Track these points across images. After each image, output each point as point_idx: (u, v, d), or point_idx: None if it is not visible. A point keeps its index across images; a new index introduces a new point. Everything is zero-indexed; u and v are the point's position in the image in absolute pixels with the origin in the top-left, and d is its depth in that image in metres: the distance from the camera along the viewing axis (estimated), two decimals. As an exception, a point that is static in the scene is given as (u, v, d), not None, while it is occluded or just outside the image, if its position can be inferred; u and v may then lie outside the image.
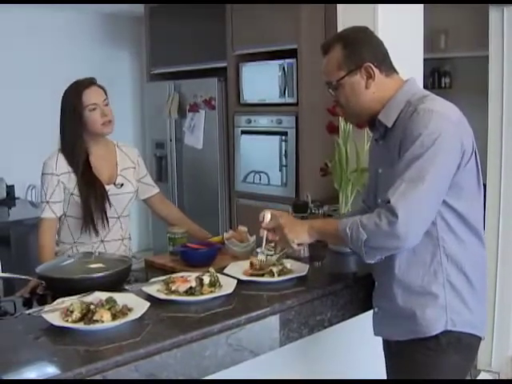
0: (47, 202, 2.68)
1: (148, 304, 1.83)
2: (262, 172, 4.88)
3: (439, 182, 1.83)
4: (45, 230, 2.69)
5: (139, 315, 1.76)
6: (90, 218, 2.67)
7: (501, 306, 3.63)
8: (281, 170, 4.73)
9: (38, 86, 5.53)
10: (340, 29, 2.74)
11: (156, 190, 2.99)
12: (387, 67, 2.00)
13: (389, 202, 1.79)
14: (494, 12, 3.47)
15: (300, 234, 2.04)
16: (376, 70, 1.96)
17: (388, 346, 2.10)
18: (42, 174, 2.71)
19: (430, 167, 1.79)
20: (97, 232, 2.70)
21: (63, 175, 2.68)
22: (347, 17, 2.70)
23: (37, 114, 5.46)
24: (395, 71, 2.03)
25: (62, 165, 2.69)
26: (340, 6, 2.72)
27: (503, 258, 3.63)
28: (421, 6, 2.75)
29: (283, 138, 4.67)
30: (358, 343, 2.54)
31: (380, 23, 2.55)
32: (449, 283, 1.90)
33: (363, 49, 1.97)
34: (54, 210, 2.69)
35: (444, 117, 1.85)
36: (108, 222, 2.71)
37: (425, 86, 2.86)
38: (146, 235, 6.01)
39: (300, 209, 2.59)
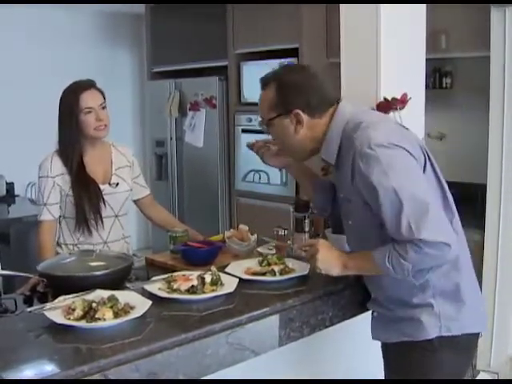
0: (45, 205, 2.69)
1: (150, 302, 1.83)
2: (261, 171, 4.88)
3: (426, 190, 1.83)
4: (44, 232, 2.70)
5: (141, 313, 1.76)
6: (83, 217, 2.67)
7: (500, 306, 3.63)
8: (280, 169, 4.71)
9: (38, 84, 5.52)
10: (343, 29, 2.73)
11: (147, 191, 2.99)
12: (322, 109, 1.98)
13: (411, 240, 1.76)
14: (495, 12, 3.46)
15: (331, 269, 1.99)
16: (305, 116, 1.95)
17: (385, 347, 2.11)
18: (39, 176, 2.72)
19: (411, 190, 1.78)
20: (90, 232, 2.70)
21: (58, 177, 2.69)
22: (350, 17, 2.69)
23: (37, 112, 5.44)
24: (331, 105, 2.00)
25: (56, 166, 2.69)
26: (343, 6, 2.71)
27: (503, 258, 3.63)
28: (423, 6, 2.75)
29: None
30: (358, 343, 2.53)
31: (382, 23, 2.54)
32: (438, 292, 1.91)
33: (295, 94, 1.95)
34: (52, 212, 2.70)
35: (381, 142, 1.82)
36: (103, 221, 2.71)
37: (426, 86, 2.86)
38: (145, 234, 6.00)
39: (301, 208, 2.59)
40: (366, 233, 1.96)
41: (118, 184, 2.78)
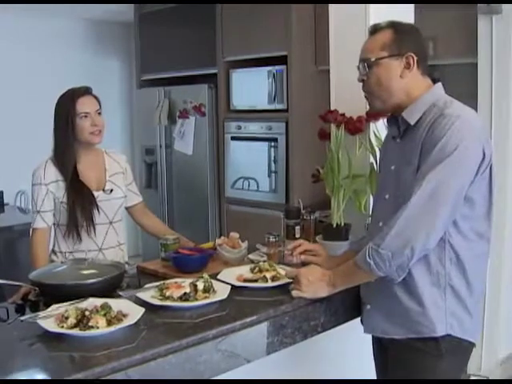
0: (38, 212, 2.68)
1: (143, 310, 1.83)
2: (251, 178, 4.90)
3: (459, 192, 1.86)
4: (37, 240, 2.69)
5: (135, 321, 1.76)
6: (74, 224, 2.67)
7: (490, 309, 3.65)
8: (269, 175, 4.75)
9: (27, 92, 5.52)
10: (332, 30, 2.77)
11: (140, 198, 3.00)
12: (424, 68, 2.03)
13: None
14: (482, 21, 3.51)
15: (318, 291, 2.03)
16: (415, 64, 1.99)
17: (382, 347, 2.11)
18: (32, 184, 2.71)
19: (448, 173, 1.83)
20: (80, 239, 2.69)
21: (51, 184, 2.68)
22: (339, 20, 2.73)
23: (26, 121, 5.45)
24: (429, 76, 2.06)
25: (50, 174, 2.69)
26: (332, 6, 2.75)
27: (492, 262, 3.63)
28: (412, 13, 2.79)
29: (272, 144, 4.69)
30: (350, 348, 2.55)
31: (372, 19, 2.59)
32: (450, 287, 1.92)
33: (411, 40, 2.01)
34: (46, 220, 2.69)
35: (468, 122, 1.88)
36: (95, 228, 2.71)
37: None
38: (135, 241, 5.99)
39: (292, 215, 2.61)
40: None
41: (112, 190, 2.78)
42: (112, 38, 6.42)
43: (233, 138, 5.02)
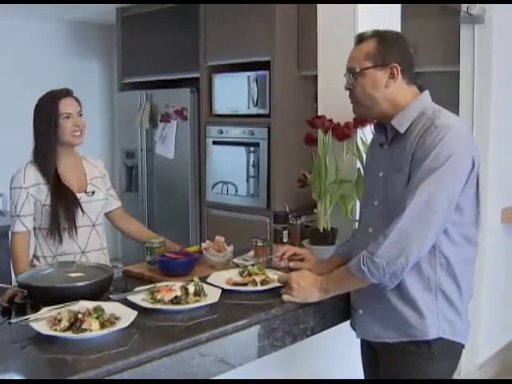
0: (18, 216, 2.67)
1: (135, 313, 1.83)
2: (229, 183, 4.91)
3: (450, 200, 1.89)
4: (17, 244, 2.67)
5: (128, 324, 1.76)
6: (57, 226, 2.65)
7: (470, 313, 3.69)
8: (248, 180, 4.76)
9: (5, 93, 5.46)
10: (320, 32, 2.79)
11: (119, 203, 2.99)
12: (410, 76, 2.05)
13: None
14: (464, 30, 3.58)
15: (309, 296, 2.06)
16: (399, 74, 2.01)
17: (371, 349, 2.13)
18: (11, 188, 2.69)
19: (440, 184, 1.86)
20: (61, 241, 2.68)
21: (32, 187, 2.66)
22: (327, 18, 2.75)
23: (4, 123, 5.39)
24: (415, 84, 2.08)
25: (30, 177, 2.67)
26: (320, 7, 2.78)
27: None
28: (399, 20, 2.83)
29: (251, 149, 4.71)
30: (338, 350, 2.57)
31: (360, 25, 2.62)
32: (441, 291, 1.96)
33: (395, 50, 2.03)
34: (25, 224, 2.67)
35: (459, 132, 1.91)
36: (76, 230, 2.69)
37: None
38: (114, 245, 5.96)
39: (280, 219, 2.62)
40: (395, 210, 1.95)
41: (93, 192, 2.78)
42: (93, 40, 6.38)
43: (214, 143, 5.02)
